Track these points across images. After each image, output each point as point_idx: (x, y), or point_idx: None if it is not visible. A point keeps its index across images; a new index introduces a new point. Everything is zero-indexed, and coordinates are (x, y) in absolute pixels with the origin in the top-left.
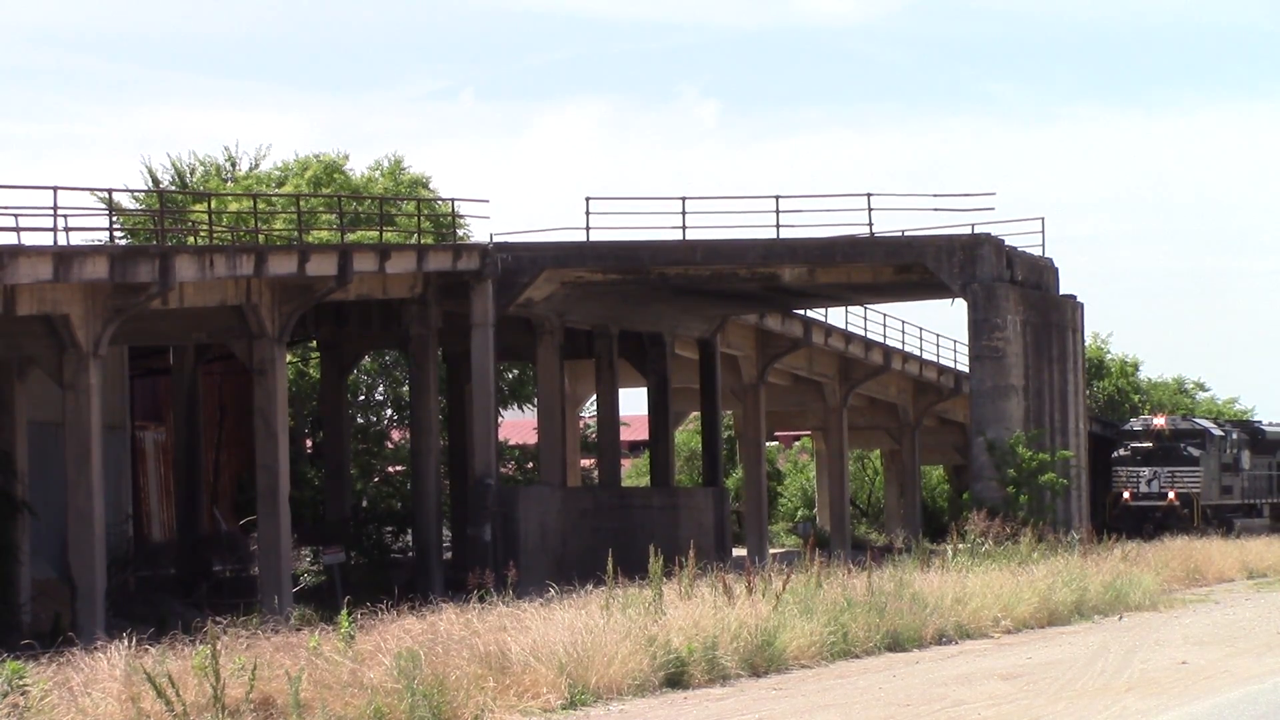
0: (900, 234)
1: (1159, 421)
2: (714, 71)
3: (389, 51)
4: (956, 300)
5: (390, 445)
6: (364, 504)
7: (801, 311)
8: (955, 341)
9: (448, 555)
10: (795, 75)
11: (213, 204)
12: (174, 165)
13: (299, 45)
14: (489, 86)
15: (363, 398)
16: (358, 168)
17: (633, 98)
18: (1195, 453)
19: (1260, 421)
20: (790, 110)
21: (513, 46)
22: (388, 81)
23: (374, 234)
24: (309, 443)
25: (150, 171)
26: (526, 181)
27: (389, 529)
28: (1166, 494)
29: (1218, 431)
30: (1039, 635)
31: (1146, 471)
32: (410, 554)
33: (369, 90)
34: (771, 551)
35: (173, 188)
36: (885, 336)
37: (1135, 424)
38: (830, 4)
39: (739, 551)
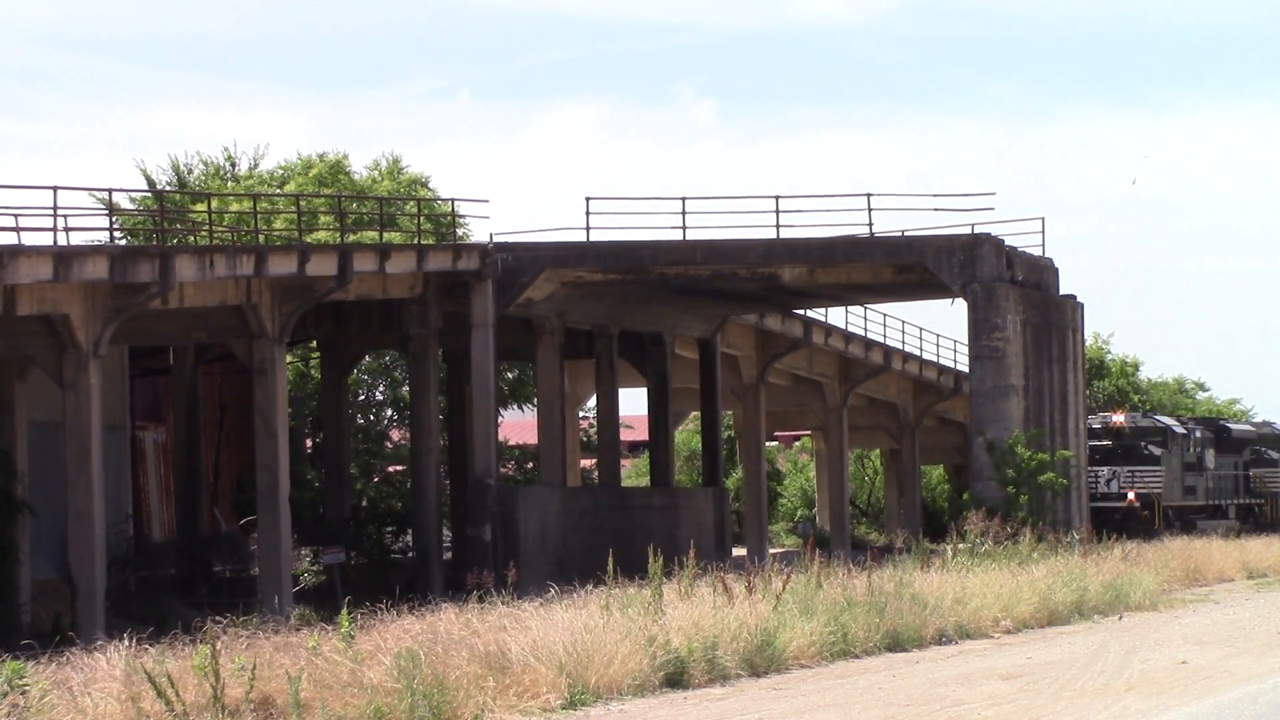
0: (900, 234)
1: (1118, 419)
2: (711, 72)
3: (386, 51)
4: (956, 300)
5: (390, 445)
6: (364, 504)
7: (801, 311)
8: (955, 341)
9: (448, 555)
10: (793, 75)
11: (213, 204)
12: (174, 166)
13: (296, 45)
14: (486, 87)
15: (363, 398)
16: (356, 167)
17: (630, 98)
18: (1156, 451)
19: (1226, 419)
20: (788, 110)
21: (509, 47)
22: (385, 81)
23: (374, 234)
24: (309, 443)
25: (145, 174)
26: (524, 182)
27: (389, 529)
28: (1126, 495)
29: (1180, 429)
30: (1039, 635)
31: (1105, 471)
32: (410, 554)
33: (366, 90)
34: (771, 551)
35: (171, 188)
36: (885, 336)
37: (1094, 421)
38: (827, 4)
39: (739, 551)
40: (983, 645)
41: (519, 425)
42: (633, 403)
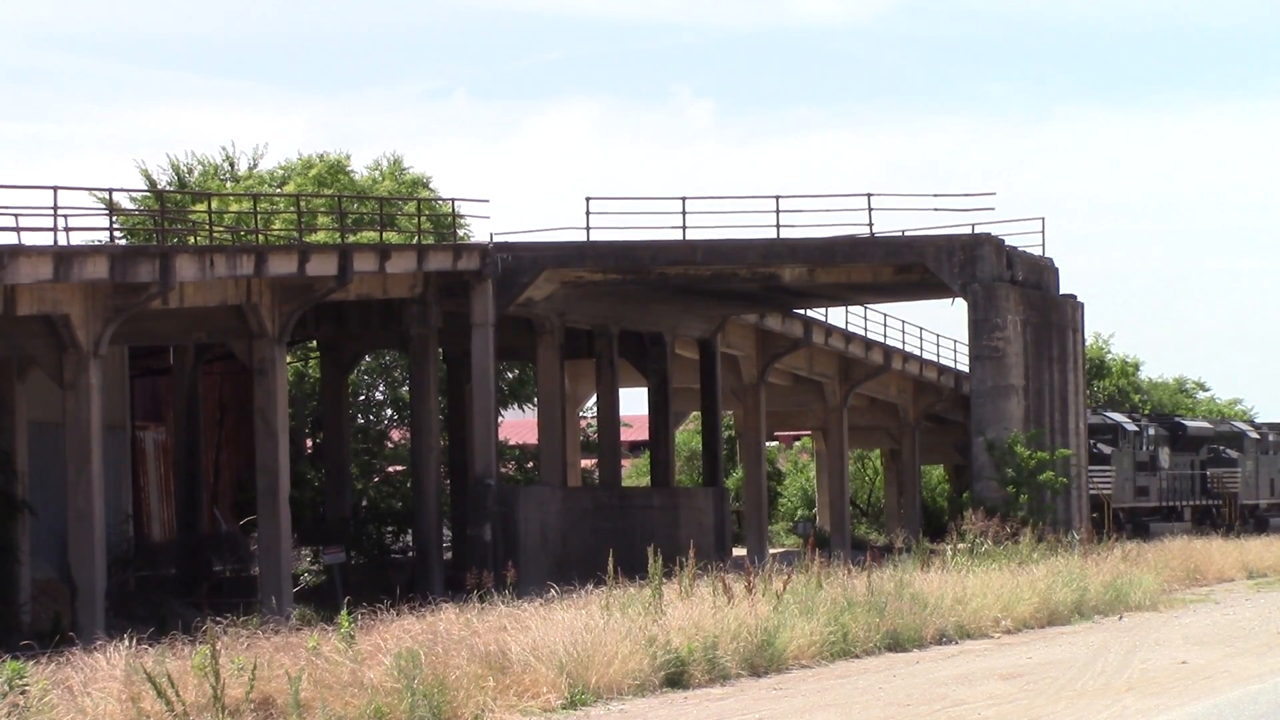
0: (900, 234)
1: None
2: (708, 71)
3: (382, 51)
4: (956, 300)
5: (390, 445)
6: (364, 504)
7: (801, 311)
8: (955, 341)
9: (448, 555)
10: (790, 75)
11: (213, 204)
12: (173, 166)
13: (295, 45)
14: (482, 86)
15: (363, 398)
16: (357, 167)
17: (626, 98)
18: (1106, 450)
19: (1182, 416)
20: (786, 110)
21: (505, 46)
22: (381, 81)
23: (373, 234)
24: (309, 443)
25: (146, 174)
26: (521, 181)
27: (389, 529)
28: None
29: (1132, 427)
30: (1039, 635)
31: None
32: (410, 554)
33: (363, 90)
34: (771, 551)
35: (171, 188)
36: (885, 336)
37: None
38: (825, 4)
39: (739, 551)
40: (983, 645)
41: (519, 425)
42: (633, 403)
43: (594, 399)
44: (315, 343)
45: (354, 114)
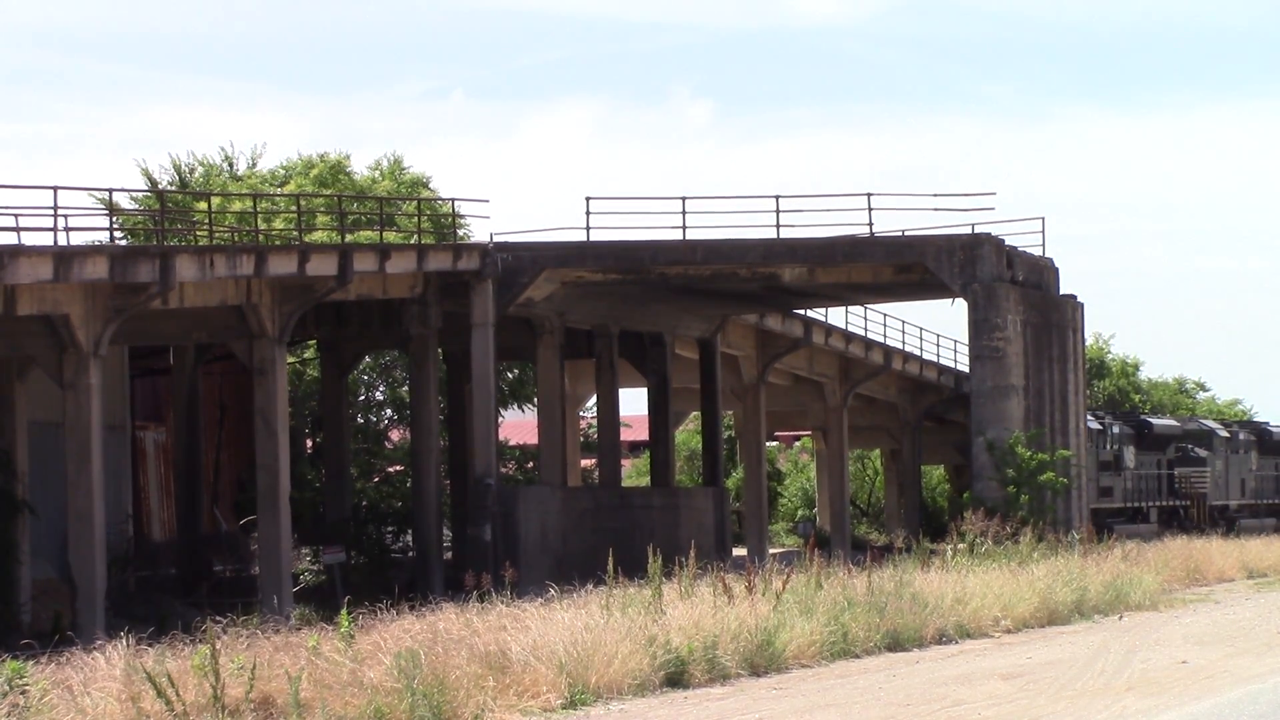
0: (900, 234)
1: None
2: (706, 71)
3: (382, 52)
4: (956, 300)
5: (390, 445)
6: (364, 504)
7: (801, 311)
8: (955, 341)
9: (448, 555)
10: (788, 75)
11: (213, 204)
12: (174, 165)
13: (292, 45)
14: (480, 87)
15: (363, 398)
16: (357, 168)
17: (624, 98)
18: None
19: (1148, 414)
20: (784, 110)
21: (505, 46)
22: (381, 81)
23: (374, 234)
24: (309, 443)
25: (146, 174)
26: (519, 181)
27: (389, 529)
28: None
29: (1095, 425)
30: (1039, 635)
31: None
32: (410, 554)
33: (363, 90)
34: (771, 551)
35: (172, 188)
36: (885, 336)
37: None
38: (823, 4)
39: (739, 551)
40: (983, 645)
41: (519, 425)
42: (633, 403)
43: (594, 399)
44: (315, 343)
45: (354, 114)
